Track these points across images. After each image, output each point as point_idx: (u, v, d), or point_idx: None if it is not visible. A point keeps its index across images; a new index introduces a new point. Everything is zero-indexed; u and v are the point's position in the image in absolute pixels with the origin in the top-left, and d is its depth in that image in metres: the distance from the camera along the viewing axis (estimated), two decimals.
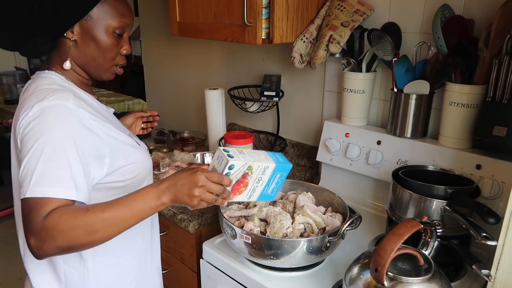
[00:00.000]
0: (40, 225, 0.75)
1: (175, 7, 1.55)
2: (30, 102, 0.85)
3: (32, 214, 0.76)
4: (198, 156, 1.71)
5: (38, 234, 0.75)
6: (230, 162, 0.83)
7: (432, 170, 1.18)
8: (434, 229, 0.93)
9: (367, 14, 1.37)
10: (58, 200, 0.77)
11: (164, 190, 0.83)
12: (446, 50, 1.16)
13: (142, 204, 0.81)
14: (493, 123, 1.07)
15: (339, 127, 1.46)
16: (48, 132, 0.80)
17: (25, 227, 0.77)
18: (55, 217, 0.75)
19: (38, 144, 0.79)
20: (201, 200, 0.84)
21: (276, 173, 0.92)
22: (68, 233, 0.76)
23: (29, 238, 0.76)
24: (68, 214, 0.76)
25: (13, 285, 2.61)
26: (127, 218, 0.80)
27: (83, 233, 0.77)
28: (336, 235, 1.04)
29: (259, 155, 0.91)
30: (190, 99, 2.27)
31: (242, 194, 0.91)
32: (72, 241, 0.77)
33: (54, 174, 0.78)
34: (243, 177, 0.88)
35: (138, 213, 0.81)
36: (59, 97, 0.85)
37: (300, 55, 1.40)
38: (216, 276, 1.21)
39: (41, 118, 0.81)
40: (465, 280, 1.06)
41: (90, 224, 0.77)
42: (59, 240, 0.76)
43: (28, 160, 0.79)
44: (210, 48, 2.04)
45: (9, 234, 3.01)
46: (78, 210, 0.78)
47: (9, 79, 3.47)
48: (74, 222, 0.76)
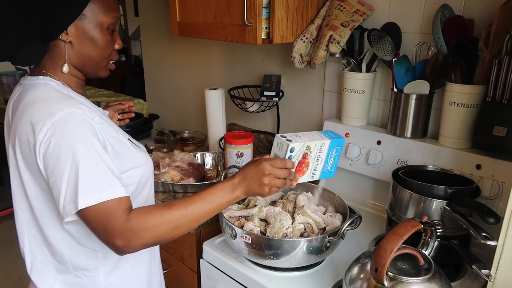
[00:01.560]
0: (124, 226, 0.79)
1: (175, 7, 1.55)
2: (38, 114, 0.83)
3: (111, 219, 0.78)
4: (198, 156, 1.71)
5: (123, 235, 0.79)
6: (291, 145, 0.89)
7: (432, 170, 1.18)
8: (434, 229, 0.93)
9: (367, 14, 1.37)
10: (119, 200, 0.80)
11: (237, 184, 0.89)
12: (446, 50, 1.16)
13: (220, 199, 0.88)
14: (493, 123, 1.07)
15: (339, 127, 1.46)
16: (75, 143, 0.80)
17: (106, 233, 0.79)
18: (140, 217, 0.80)
19: (70, 158, 0.79)
20: (271, 186, 0.89)
21: (332, 149, 0.97)
22: (154, 230, 0.81)
23: (113, 241, 0.79)
24: (153, 212, 0.81)
25: (13, 285, 2.61)
26: (206, 212, 0.87)
27: (168, 229, 0.82)
28: (336, 235, 1.04)
29: (313, 135, 0.96)
30: (190, 99, 2.27)
31: (305, 174, 0.96)
32: (158, 237, 0.82)
33: (99, 179, 0.80)
34: (303, 158, 0.93)
35: (216, 207, 0.88)
36: (67, 105, 0.84)
37: (300, 55, 1.40)
38: (216, 276, 1.21)
39: (61, 132, 0.80)
40: (465, 280, 1.06)
41: (175, 220, 0.83)
42: (145, 237, 0.80)
43: (68, 176, 0.79)
44: (210, 48, 2.04)
45: (9, 234, 3.01)
46: (161, 208, 0.83)
47: (9, 79, 3.47)
48: (160, 219, 0.81)
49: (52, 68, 0.93)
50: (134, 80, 5.05)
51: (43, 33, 0.88)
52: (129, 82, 5.33)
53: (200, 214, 0.86)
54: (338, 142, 0.97)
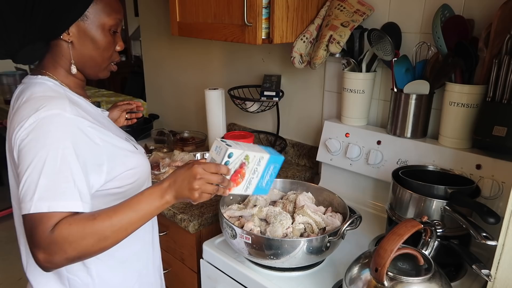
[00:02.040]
0: (48, 239, 0.74)
1: (175, 7, 1.55)
2: (26, 111, 0.82)
3: (38, 229, 0.74)
4: (198, 156, 1.71)
5: (47, 248, 0.74)
6: (229, 150, 0.85)
7: (432, 170, 1.18)
8: (434, 229, 0.93)
9: (367, 14, 1.37)
10: (63, 213, 0.77)
11: (166, 188, 0.84)
12: (446, 50, 1.16)
13: (147, 205, 0.82)
14: (493, 123, 1.07)
15: (339, 127, 1.46)
16: (48, 145, 0.78)
17: (31, 242, 0.76)
18: (64, 229, 0.75)
19: (39, 157, 0.77)
20: (202, 192, 0.84)
21: (270, 165, 0.94)
22: (78, 243, 0.76)
23: (36, 253, 0.75)
24: (76, 225, 0.76)
25: (13, 285, 2.61)
26: (134, 221, 0.81)
27: (93, 241, 0.77)
28: (336, 235, 1.04)
29: (254, 147, 0.93)
30: (190, 99, 2.27)
31: (239, 185, 0.91)
32: (83, 250, 0.77)
33: (58, 187, 0.77)
34: (240, 167, 0.89)
35: (145, 214, 0.82)
36: (56, 106, 0.83)
37: (300, 55, 1.40)
38: (216, 276, 1.21)
39: (39, 130, 0.79)
40: (465, 280, 1.06)
41: (99, 232, 0.77)
42: (69, 251, 0.75)
43: (29, 174, 0.77)
44: (210, 48, 2.04)
45: (9, 234, 3.02)
46: (85, 219, 0.77)
47: (9, 79, 3.47)
48: (84, 232, 0.76)
49: (52, 67, 0.93)
50: (134, 80, 5.05)
51: (45, 33, 0.88)
52: (129, 82, 5.33)
53: (127, 223, 0.80)
54: (277, 160, 0.94)
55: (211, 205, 1.42)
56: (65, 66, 0.93)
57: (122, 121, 1.33)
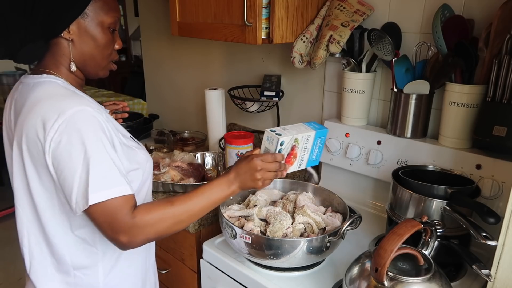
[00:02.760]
0: (130, 223, 0.82)
1: (175, 7, 1.55)
2: (47, 111, 0.83)
3: (118, 215, 0.81)
4: (198, 156, 1.71)
5: (128, 231, 0.82)
6: (281, 139, 0.94)
7: (432, 170, 1.18)
8: (434, 229, 0.93)
9: (367, 14, 1.37)
10: (126, 198, 0.83)
11: (232, 180, 0.94)
12: (446, 50, 1.16)
13: (218, 193, 0.93)
14: (493, 123, 1.07)
15: (339, 127, 1.46)
16: (84, 140, 0.81)
17: (112, 229, 0.82)
18: (145, 214, 0.84)
19: (79, 153, 0.81)
20: (264, 180, 0.95)
21: (317, 139, 1.02)
22: (158, 225, 0.85)
23: (117, 237, 0.82)
24: (156, 209, 0.86)
25: (13, 285, 2.61)
26: (206, 207, 0.92)
27: (170, 224, 0.87)
28: (336, 235, 1.04)
29: (299, 127, 1.01)
30: (190, 99, 2.27)
31: (294, 164, 1.01)
32: (161, 231, 0.87)
33: (107, 175, 0.83)
34: (292, 150, 0.98)
35: (215, 201, 0.93)
36: (78, 102, 0.85)
37: (300, 55, 1.40)
38: (216, 276, 1.21)
39: (71, 128, 0.81)
40: (465, 280, 1.06)
41: (176, 216, 0.88)
42: (150, 233, 0.85)
43: (76, 170, 0.81)
44: (210, 48, 2.04)
45: (9, 234, 3.01)
46: (164, 204, 0.87)
47: (9, 79, 3.47)
48: (163, 215, 0.86)
49: (54, 66, 0.93)
50: (134, 80, 5.05)
51: (46, 31, 0.88)
52: (129, 82, 5.33)
53: (200, 209, 0.91)
54: (322, 133, 1.03)
55: None
56: (66, 64, 0.93)
57: None
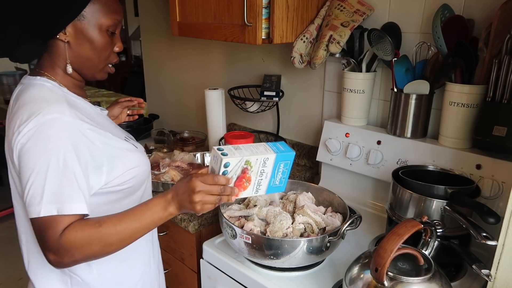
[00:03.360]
0: (57, 244, 0.78)
1: (175, 7, 1.55)
2: (24, 115, 0.83)
3: (48, 233, 0.78)
4: (198, 156, 1.71)
5: (56, 251, 0.79)
6: (225, 160, 0.83)
7: (432, 170, 1.18)
8: (434, 229, 0.93)
9: (367, 14, 1.37)
10: (71, 216, 0.80)
11: (170, 200, 0.86)
12: (446, 50, 1.16)
13: (152, 216, 0.85)
14: (493, 123, 1.07)
15: (339, 127, 1.46)
16: (50, 149, 0.80)
17: (42, 245, 0.80)
18: (71, 236, 0.79)
19: (42, 162, 0.79)
20: (204, 204, 0.84)
21: (279, 163, 0.90)
22: (84, 249, 0.80)
23: (47, 255, 0.80)
24: (82, 231, 0.80)
25: (13, 285, 2.61)
26: (138, 230, 0.84)
27: (99, 247, 0.81)
28: (336, 235, 1.04)
29: (258, 147, 0.90)
30: (190, 99, 2.27)
31: (248, 189, 0.90)
32: (89, 255, 0.82)
33: (64, 190, 0.80)
34: (243, 173, 0.87)
35: (148, 224, 0.85)
36: (54, 110, 0.83)
37: (300, 55, 1.40)
38: (216, 276, 1.21)
39: (39, 135, 0.80)
40: (465, 280, 1.06)
41: (104, 239, 0.81)
42: (76, 255, 0.80)
43: (34, 179, 0.79)
44: (210, 48, 2.04)
45: (9, 234, 3.01)
46: (91, 226, 0.81)
47: (9, 79, 3.47)
48: (89, 238, 0.80)
49: (50, 68, 0.93)
50: (134, 80, 5.05)
51: (42, 32, 0.88)
52: (129, 82, 5.33)
53: (131, 232, 0.84)
54: (286, 157, 0.90)
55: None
56: (62, 66, 0.93)
57: (124, 118, 1.33)
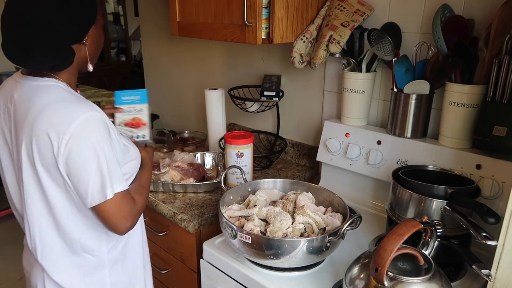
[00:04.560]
0: (135, 210, 1.00)
1: (175, 7, 1.55)
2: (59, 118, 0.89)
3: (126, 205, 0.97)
4: (198, 156, 1.71)
5: (134, 217, 0.99)
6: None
7: (432, 170, 1.18)
8: (434, 229, 0.93)
9: (367, 14, 1.37)
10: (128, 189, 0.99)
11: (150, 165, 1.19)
12: (446, 50, 1.16)
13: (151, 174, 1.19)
14: (493, 123, 1.07)
15: (339, 127, 1.46)
16: (98, 143, 0.91)
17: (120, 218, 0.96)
18: (141, 198, 1.04)
19: (92, 155, 0.91)
20: None
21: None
22: (143, 205, 1.05)
23: (125, 224, 0.97)
24: (140, 193, 1.05)
25: (13, 285, 2.60)
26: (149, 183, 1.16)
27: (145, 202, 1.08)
28: (336, 235, 1.04)
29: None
30: (190, 99, 2.27)
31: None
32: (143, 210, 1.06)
33: (115, 172, 0.95)
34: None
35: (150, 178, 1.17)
36: (86, 108, 0.93)
37: (300, 55, 1.40)
38: (216, 276, 1.21)
39: (85, 133, 0.90)
40: (465, 280, 1.06)
41: (148, 193, 1.11)
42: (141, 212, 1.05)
43: (90, 169, 0.91)
44: (210, 48, 2.04)
45: (9, 234, 3.01)
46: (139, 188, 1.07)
47: None
48: (146, 196, 1.08)
49: None
50: (134, 80, 5.05)
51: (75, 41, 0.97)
52: (129, 82, 5.33)
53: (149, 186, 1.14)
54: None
55: (211, 205, 1.42)
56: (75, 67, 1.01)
57: None
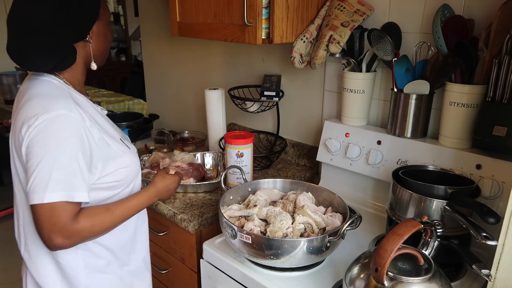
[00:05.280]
0: (72, 228, 0.86)
1: (175, 7, 1.55)
2: (33, 110, 0.88)
3: (60, 218, 0.84)
4: (198, 156, 1.71)
5: (68, 235, 0.86)
6: None
7: (432, 170, 1.18)
8: (434, 229, 0.93)
9: (367, 14, 1.37)
10: (77, 204, 0.88)
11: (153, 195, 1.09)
12: (446, 50, 1.16)
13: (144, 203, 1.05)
14: (493, 123, 1.07)
15: (339, 127, 1.46)
16: (58, 142, 0.86)
17: (49, 229, 0.85)
18: (88, 221, 0.89)
19: (50, 153, 0.85)
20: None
21: None
22: (95, 230, 0.91)
23: (54, 238, 0.85)
24: (97, 217, 0.91)
25: (13, 285, 2.61)
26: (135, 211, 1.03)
27: (106, 228, 0.94)
28: (336, 235, 1.04)
29: None
30: (190, 99, 2.27)
31: None
32: (96, 235, 0.93)
33: (69, 180, 0.86)
34: None
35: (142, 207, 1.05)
36: (63, 106, 0.89)
37: (300, 55, 1.40)
38: (216, 276, 1.21)
39: (49, 128, 0.86)
40: (465, 280, 1.06)
41: (113, 222, 0.95)
42: (86, 237, 0.91)
43: (42, 168, 0.84)
44: (210, 48, 2.04)
45: (9, 234, 3.00)
46: (104, 212, 0.93)
47: (9, 79, 3.46)
48: (103, 222, 0.92)
49: None
50: (134, 80, 5.05)
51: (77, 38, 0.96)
52: (129, 82, 5.33)
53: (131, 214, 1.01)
54: None
55: (211, 205, 1.42)
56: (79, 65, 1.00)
57: None
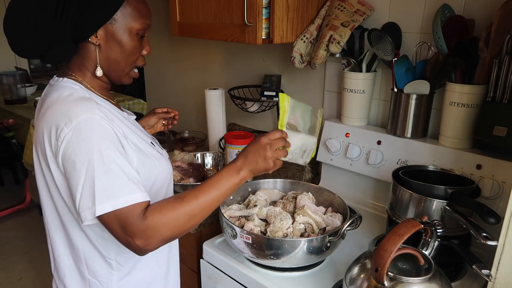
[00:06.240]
0: (142, 226, 0.80)
1: (175, 7, 1.55)
2: (54, 119, 0.84)
3: (128, 219, 0.80)
4: (198, 156, 1.71)
5: (142, 234, 0.80)
6: None
7: (432, 170, 1.18)
8: (434, 229, 0.93)
9: (367, 14, 1.37)
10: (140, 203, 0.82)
11: (240, 166, 0.91)
12: (446, 50, 1.16)
13: (226, 184, 0.90)
14: (493, 123, 1.07)
15: (339, 127, 1.46)
16: (90, 150, 0.81)
17: (124, 233, 0.81)
18: (156, 214, 0.82)
19: (86, 164, 0.81)
20: (275, 159, 0.92)
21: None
22: (171, 224, 0.83)
23: (133, 242, 0.80)
24: (166, 208, 0.83)
25: (13, 285, 2.60)
26: (217, 198, 0.89)
27: (184, 220, 0.84)
28: (336, 235, 1.04)
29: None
30: (190, 99, 2.27)
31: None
32: (175, 230, 0.84)
33: (113, 185, 0.81)
34: None
35: (226, 191, 0.90)
36: (84, 110, 0.84)
37: (300, 55, 1.40)
38: (216, 276, 1.21)
39: (77, 138, 0.82)
40: (465, 280, 1.06)
41: (189, 212, 0.85)
42: (164, 233, 0.82)
43: (84, 182, 0.81)
44: (210, 48, 2.04)
45: (9, 234, 3.00)
46: (174, 202, 0.85)
47: (9, 79, 3.45)
48: (175, 213, 0.83)
49: (78, 69, 0.94)
50: (134, 80, 5.04)
51: (74, 34, 0.89)
52: None
53: (211, 201, 0.88)
54: None
55: None
56: (91, 69, 0.93)
57: (159, 127, 1.38)
